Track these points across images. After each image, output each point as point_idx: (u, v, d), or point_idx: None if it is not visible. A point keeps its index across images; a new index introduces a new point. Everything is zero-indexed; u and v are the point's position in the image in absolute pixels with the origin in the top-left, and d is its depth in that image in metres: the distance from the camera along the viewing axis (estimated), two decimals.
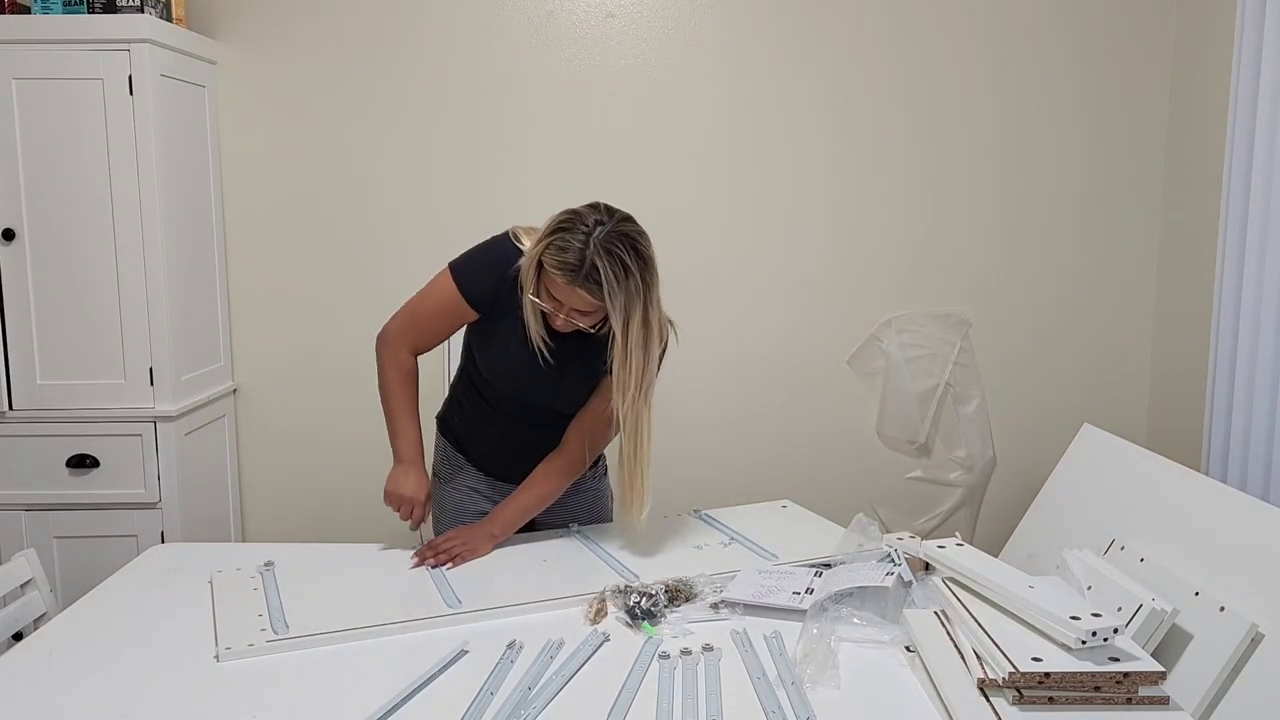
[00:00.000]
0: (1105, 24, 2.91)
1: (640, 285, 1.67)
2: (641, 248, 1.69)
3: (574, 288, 1.65)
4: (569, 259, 1.63)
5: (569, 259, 1.63)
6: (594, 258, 1.63)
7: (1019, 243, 3.02)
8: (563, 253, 1.64)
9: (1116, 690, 1.29)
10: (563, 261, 1.64)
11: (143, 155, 2.51)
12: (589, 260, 1.63)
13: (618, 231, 1.66)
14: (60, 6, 2.50)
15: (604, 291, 1.64)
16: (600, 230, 1.64)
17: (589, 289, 1.65)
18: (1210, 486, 1.93)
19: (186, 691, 1.38)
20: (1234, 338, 2.34)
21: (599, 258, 1.63)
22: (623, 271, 1.64)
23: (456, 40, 2.89)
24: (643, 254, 1.68)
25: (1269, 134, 2.21)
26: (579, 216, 1.67)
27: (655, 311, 1.72)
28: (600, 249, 1.63)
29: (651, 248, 1.71)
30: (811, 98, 2.93)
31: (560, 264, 1.64)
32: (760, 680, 1.40)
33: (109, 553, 2.50)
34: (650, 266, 1.70)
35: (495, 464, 2.02)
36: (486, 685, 1.39)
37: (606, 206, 1.70)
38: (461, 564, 1.82)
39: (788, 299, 3.02)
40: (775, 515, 2.14)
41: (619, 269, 1.64)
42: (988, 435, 3.08)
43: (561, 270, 1.64)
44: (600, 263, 1.63)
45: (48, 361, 2.57)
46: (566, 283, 1.65)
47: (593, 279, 1.64)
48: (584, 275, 1.64)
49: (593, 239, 1.63)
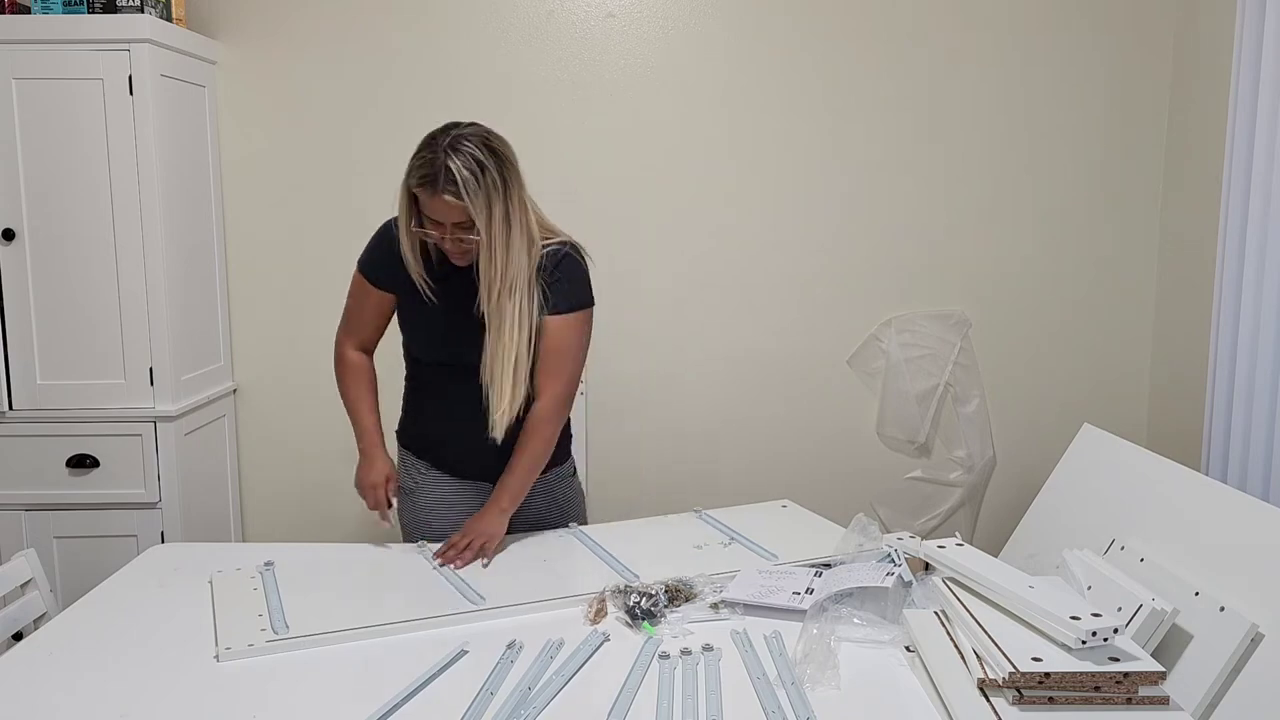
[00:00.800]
0: (1106, 24, 2.91)
1: (498, 180, 1.71)
2: (494, 145, 1.73)
3: (440, 197, 1.69)
4: (425, 171, 1.69)
5: (425, 171, 1.69)
6: (446, 161, 1.68)
7: (1019, 243, 3.02)
8: (421, 167, 1.70)
9: (1116, 690, 1.29)
10: (422, 176, 1.69)
11: (143, 155, 2.51)
12: (441, 164, 1.68)
13: (467, 132, 1.72)
14: (60, 6, 2.50)
15: (462, 189, 1.68)
16: (448, 136, 1.70)
17: (450, 193, 1.68)
18: (1210, 486, 1.93)
19: (186, 691, 1.38)
20: (1234, 338, 2.34)
21: (450, 159, 1.68)
22: (476, 167, 1.69)
23: (456, 40, 2.89)
24: (496, 150, 1.73)
25: (1269, 134, 2.21)
26: (431, 135, 1.73)
27: (518, 210, 1.75)
28: (450, 151, 1.68)
29: (509, 148, 1.77)
30: (811, 97, 2.93)
31: (421, 179, 1.69)
32: (760, 680, 1.40)
33: (109, 553, 2.50)
34: (507, 164, 1.74)
35: (458, 459, 1.99)
36: (486, 685, 1.39)
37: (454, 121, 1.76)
38: (489, 555, 1.84)
39: (788, 299, 3.02)
40: (776, 515, 2.14)
41: (473, 165, 1.69)
42: (988, 435, 3.08)
43: (422, 185, 1.70)
44: (452, 163, 1.67)
45: (48, 361, 2.57)
46: (430, 195, 1.69)
47: (450, 180, 1.68)
48: (443, 180, 1.68)
49: (442, 146, 1.69)
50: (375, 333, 2.00)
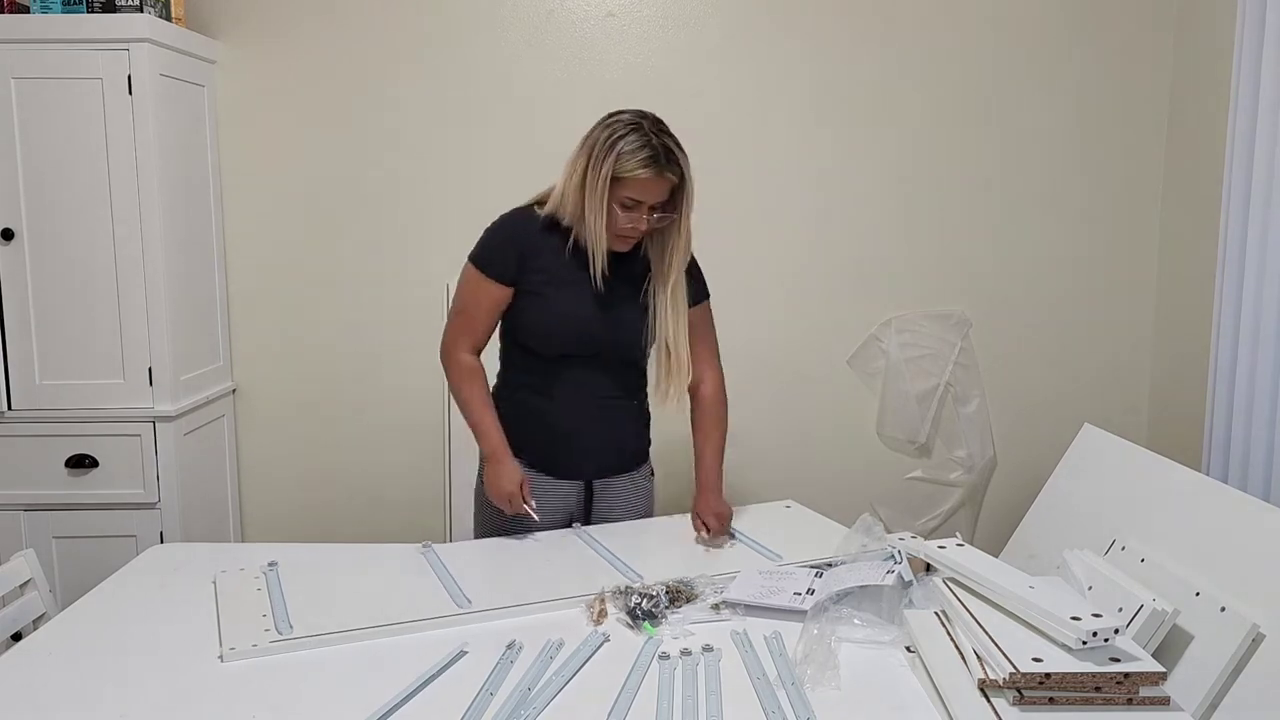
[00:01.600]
0: (1106, 24, 2.91)
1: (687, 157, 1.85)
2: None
3: (663, 177, 1.80)
4: (647, 154, 1.78)
5: (647, 154, 1.78)
6: (664, 140, 1.80)
7: (1019, 243, 3.02)
8: (639, 151, 1.78)
9: (1117, 690, 1.29)
10: (644, 158, 1.78)
11: (142, 155, 2.50)
12: (662, 145, 1.79)
13: (654, 118, 1.84)
14: (60, 6, 2.50)
15: (683, 167, 1.82)
16: (646, 121, 1.81)
17: (673, 170, 1.81)
18: (1210, 486, 1.93)
19: (188, 691, 1.38)
20: (1234, 338, 2.34)
21: (666, 139, 1.80)
22: (679, 146, 1.83)
23: (456, 39, 2.88)
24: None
25: (1269, 134, 2.21)
26: (624, 121, 1.81)
27: None
28: (661, 131, 1.81)
29: None
30: (811, 97, 2.93)
31: (643, 161, 1.78)
32: (760, 680, 1.40)
33: (108, 553, 2.50)
34: None
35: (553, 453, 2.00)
36: (486, 685, 1.39)
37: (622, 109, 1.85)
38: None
39: (788, 298, 3.02)
40: (779, 515, 2.14)
41: (677, 145, 1.83)
42: (988, 435, 3.08)
43: (647, 165, 1.78)
44: (669, 142, 1.81)
45: (47, 361, 2.57)
46: (655, 174, 1.79)
47: (672, 160, 1.80)
48: (665, 160, 1.79)
49: (648, 128, 1.79)
50: (488, 334, 1.99)
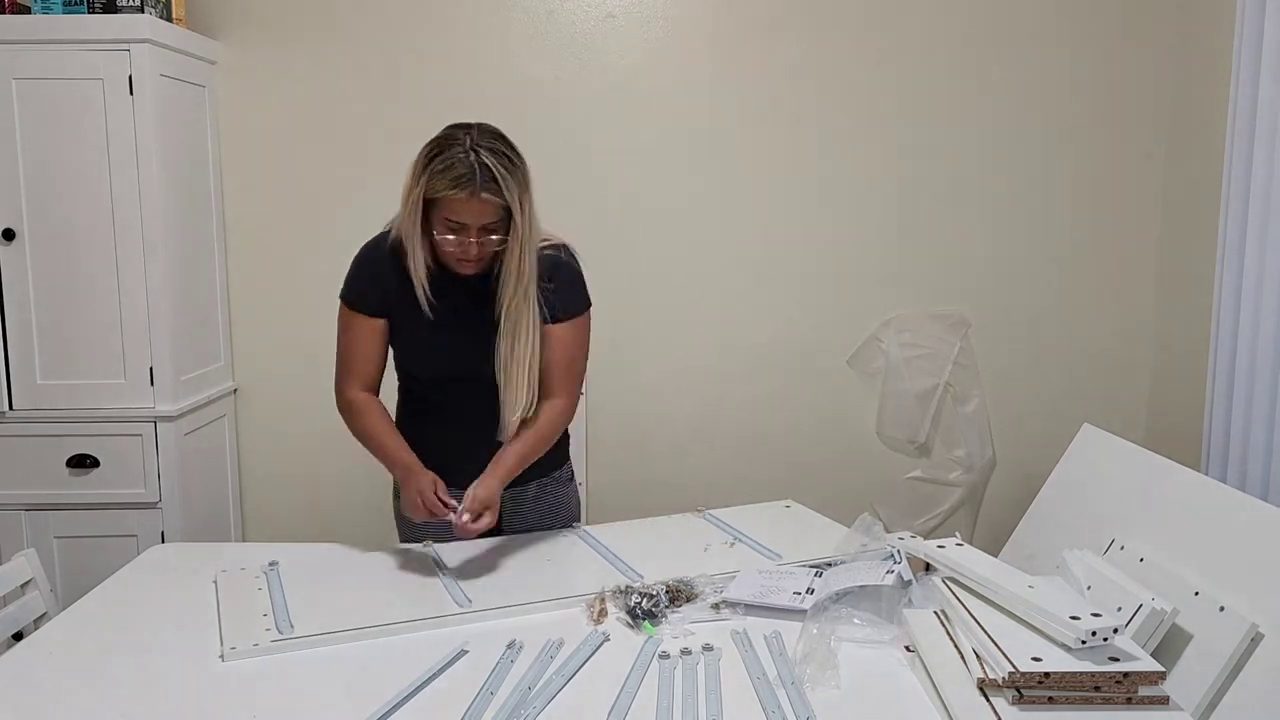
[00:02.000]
0: (1106, 23, 2.91)
1: (525, 173, 1.70)
2: (510, 140, 1.72)
3: (476, 198, 1.65)
4: (460, 172, 1.64)
5: (460, 172, 1.64)
6: (483, 159, 1.64)
7: (1019, 243, 3.02)
8: (450, 170, 1.64)
9: (1116, 690, 1.29)
10: (455, 177, 1.64)
11: (143, 155, 2.51)
12: (478, 164, 1.64)
13: (488, 131, 1.70)
14: (60, 6, 2.50)
15: (502, 187, 1.65)
16: (470, 137, 1.66)
17: (490, 190, 1.65)
18: (1210, 486, 1.93)
19: (190, 691, 1.38)
20: (1234, 337, 2.34)
21: (487, 157, 1.64)
22: (509, 163, 1.67)
23: (456, 40, 2.89)
24: (514, 145, 1.71)
25: (1269, 133, 2.21)
26: (446, 138, 1.68)
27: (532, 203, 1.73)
28: (482, 148, 1.65)
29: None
30: (811, 97, 2.93)
31: (454, 180, 1.64)
32: (760, 680, 1.40)
33: (109, 553, 2.50)
34: (522, 155, 1.72)
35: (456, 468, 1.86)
36: (486, 685, 1.39)
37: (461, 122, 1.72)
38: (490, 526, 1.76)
39: (787, 298, 3.02)
40: (779, 515, 2.14)
41: (505, 161, 1.66)
42: (987, 435, 3.08)
43: (458, 186, 1.64)
44: (488, 160, 1.64)
45: (48, 361, 2.57)
46: (468, 196, 1.64)
47: (488, 178, 1.64)
48: (480, 180, 1.64)
49: (469, 146, 1.65)
50: (377, 369, 1.90)
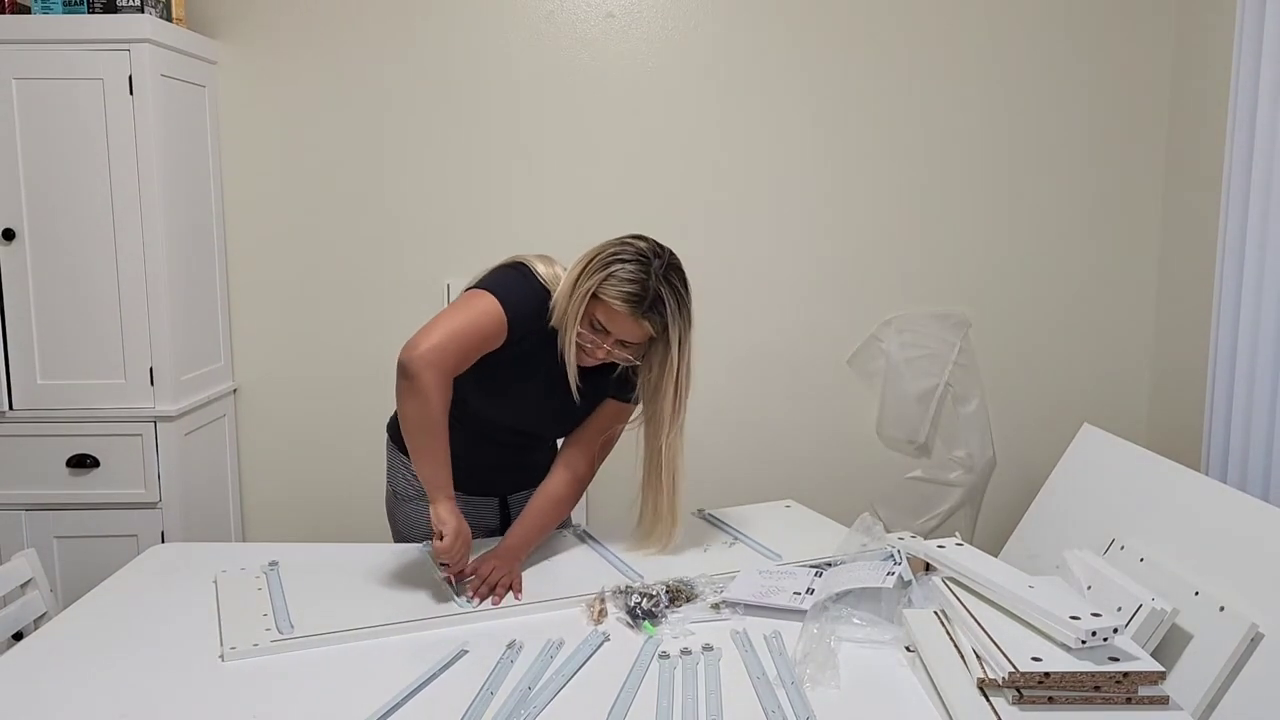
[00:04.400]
0: (1105, 22, 2.91)
1: (690, 315, 1.73)
2: (687, 279, 1.73)
3: (637, 319, 1.66)
4: (634, 290, 1.64)
5: (634, 290, 1.64)
6: (658, 288, 1.65)
7: (1019, 243, 3.02)
8: (626, 283, 1.64)
9: (1116, 690, 1.29)
10: (628, 293, 1.64)
11: (143, 155, 2.51)
12: (653, 291, 1.65)
13: (672, 264, 1.70)
14: (60, 6, 2.50)
15: (666, 321, 1.68)
16: (658, 262, 1.67)
17: (652, 320, 1.67)
18: (1210, 486, 1.93)
19: (190, 691, 1.38)
20: (1234, 337, 2.34)
21: (663, 287, 1.66)
22: (679, 302, 1.69)
23: (457, 40, 2.89)
24: (689, 285, 1.73)
25: (1269, 133, 2.21)
26: (632, 248, 1.68)
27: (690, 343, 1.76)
28: (663, 279, 1.66)
29: None
30: (811, 97, 2.93)
31: (626, 295, 1.64)
32: (760, 680, 1.40)
33: (109, 553, 2.50)
34: (691, 294, 1.74)
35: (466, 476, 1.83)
36: (486, 685, 1.39)
37: (648, 238, 1.73)
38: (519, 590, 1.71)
39: (788, 299, 3.02)
40: (779, 515, 2.14)
41: (676, 299, 1.68)
42: (988, 435, 3.08)
43: (627, 301, 1.64)
44: (664, 292, 1.66)
45: (48, 361, 2.57)
46: (630, 313, 1.65)
47: (657, 310, 1.66)
48: (648, 305, 1.65)
49: (653, 270, 1.66)
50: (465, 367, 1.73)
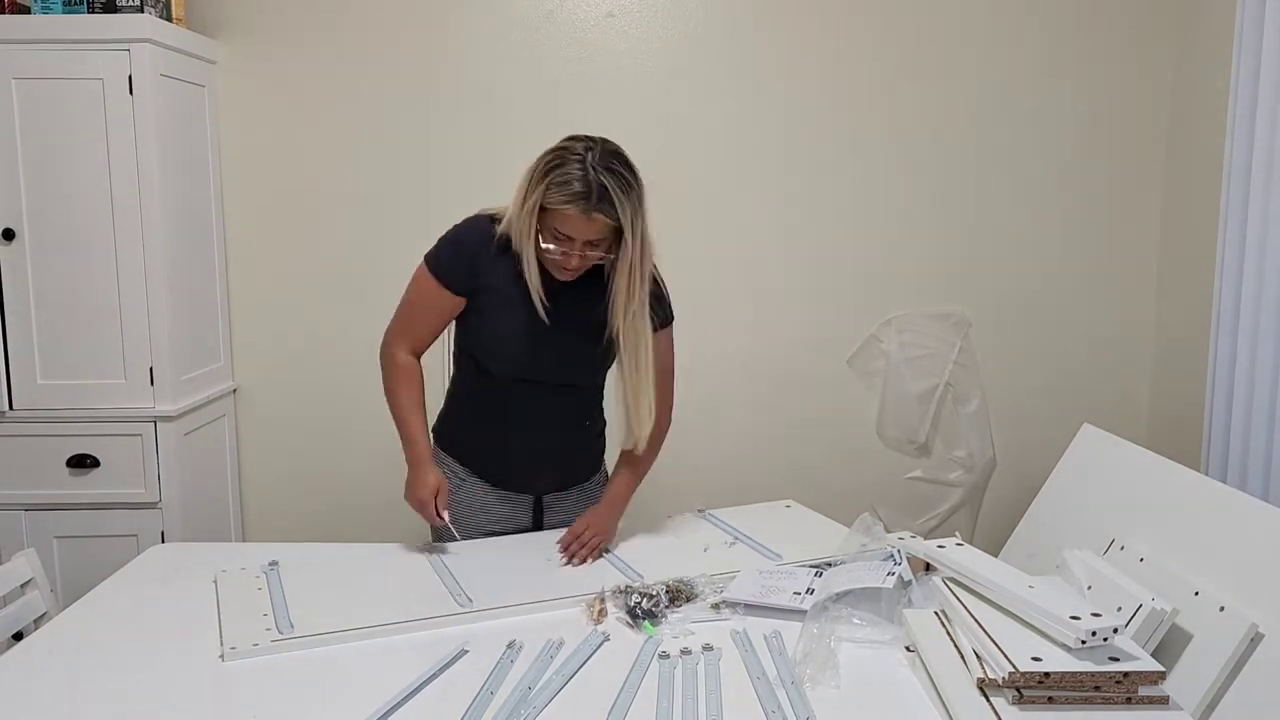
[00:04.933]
0: (1105, 23, 2.91)
1: (639, 195, 1.72)
2: (629, 159, 1.73)
3: (589, 215, 1.67)
4: (577, 188, 1.66)
5: (577, 188, 1.66)
6: (600, 178, 1.66)
7: (1019, 243, 3.02)
8: (568, 185, 1.66)
9: (1116, 690, 1.29)
10: (572, 193, 1.66)
11: (143, 155, 2.50)
12: (596, 182, 1.66)
13: (609, 150, 1.71)
14: (60, 6, 2.50)
15: (617, 208, 1.67)
16: (593, 154, 1.68)
17: (604, 210, 1.67)
18: (1210, 486, 1.93)
19: (190, 690, 1.38)
20: (1234, 337, 2.34)
21: (604, 176, 1.66)
22: (625, 184, 1.69)
23: (456, 39, 2.89)
24: (632, 165, 1.73)
25: (1269, 133, 2.21)
26: (566, 150, 1.70)
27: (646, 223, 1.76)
28: (601, 168, 1.67)
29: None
30: (811, 97, 2.93)
31: (570, 195, 1.66)
32: (760, 680, 1.40)
33: (109, 553, 2.50)
34: (639, 176, 1.74)
35: (509, 470, 1.97)
36: (486, 685, 1.39)
37: (582, 134, 1.74)
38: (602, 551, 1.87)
39: (788, 298, 3.02)
40: (779, 515, 2.14)
41: (621, 182, 1.68)
42: (988, 435, 3.08)
43: (573, 201, 1.66)
44: (606, 180, 1.66)
45: (48, 361, 2.57)
46: (580, 212, 1.67)
47: (605, 199, 1.66)
48: (596, 198, 1.66)
49: (589, 163, 1.67)
50: (431, 338, 1.93)
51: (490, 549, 1.92)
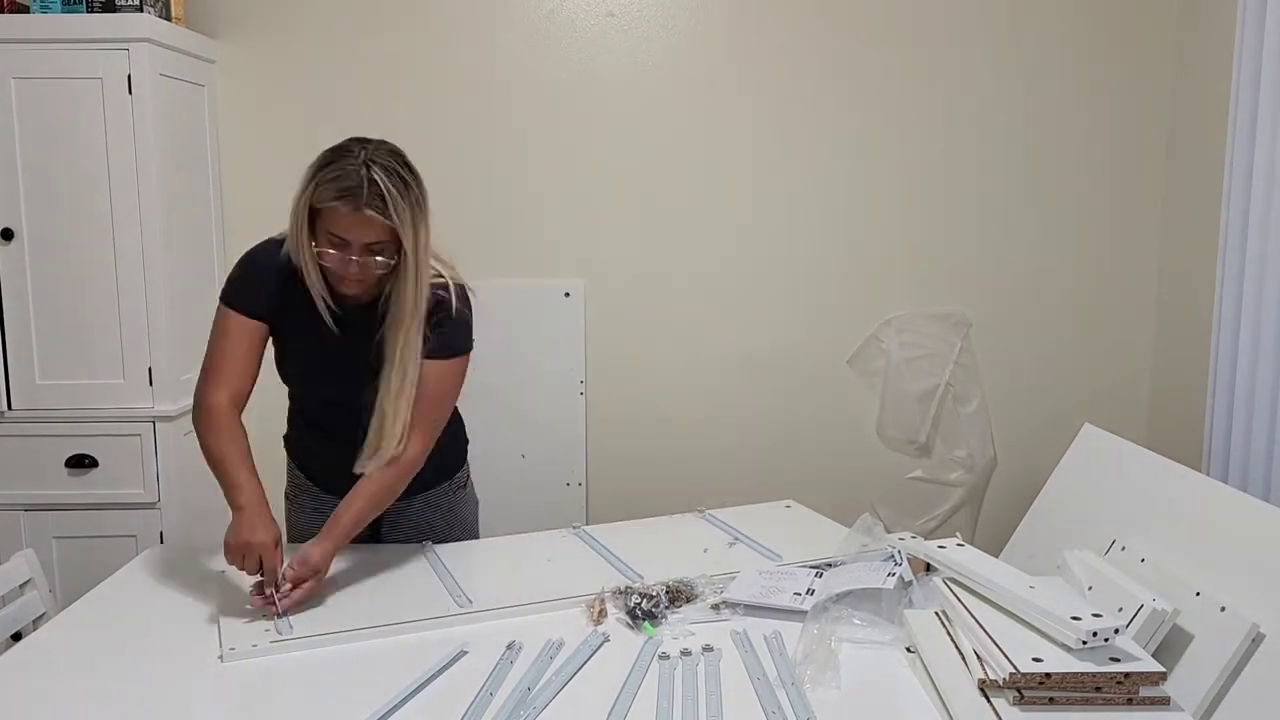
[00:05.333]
0: (1106, 23, 2.91)
1: (419, 197, 1.64)
2: (409, 161, 1.66)
3: (360, 213, 1.58)
4: (347, 184, 1.58)
5: (347, 184, 1.58)
6: (372, 174, 1.58)
7: (1019, 243, 3.02)
8: (338, 180, 1.58)
9: (1117, 690, 1.29)
10: (342, 189, 1.58)
11: (142, 155, 2.50)
12: (366, 178, 1.57)
13: (385, 148, 1.64)
14: (59, 6, 2.50)
15: (389, 206, 1.58)
16: (365, 151, 1.61)
17: (376, 208, 1.58)
18: (1210, 486, 1.93)
19: (189, 691, 1.38)
20: (1235, 337, 2.34)
21: (376, 172, 1.58)
22: (402, 184, 1.60)
23: (456, 39, 2.88)
24: (412, 167, 1.66)
25: (1270, 133, 2.21)
26: (340, 148, 1.63)
27: (429, 233, 1.67)
28: (374, 164, 1.59)
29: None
30: (812, 97, 2.93)
31: (341, 191, 1.58)
32: (760, 681, 1.40)
33: (108, 553, 2.50)
34: (421, 180, 1.66)
35: (333, 480, 1.85)
36: (486, 685, 1.39)
37: (360, 136, 1.67)
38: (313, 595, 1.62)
39: (788, 299, 3.02)
40: (779, 515, 2.14)
41: (398, 181, 1.60)
42: (988, 435, 3.08)
43: (343, 197, 1.58)
44: (378, 176, 1.58)
45: (47, 361, 2.56)
46: (351, 210, 1.58)
47: (376, 194, 1.58)
48: (366, 195, 1.57)
49: (362, 159, 1.60)
50: (248, 379, 1.78)
51: (490, 549, 1.92)
